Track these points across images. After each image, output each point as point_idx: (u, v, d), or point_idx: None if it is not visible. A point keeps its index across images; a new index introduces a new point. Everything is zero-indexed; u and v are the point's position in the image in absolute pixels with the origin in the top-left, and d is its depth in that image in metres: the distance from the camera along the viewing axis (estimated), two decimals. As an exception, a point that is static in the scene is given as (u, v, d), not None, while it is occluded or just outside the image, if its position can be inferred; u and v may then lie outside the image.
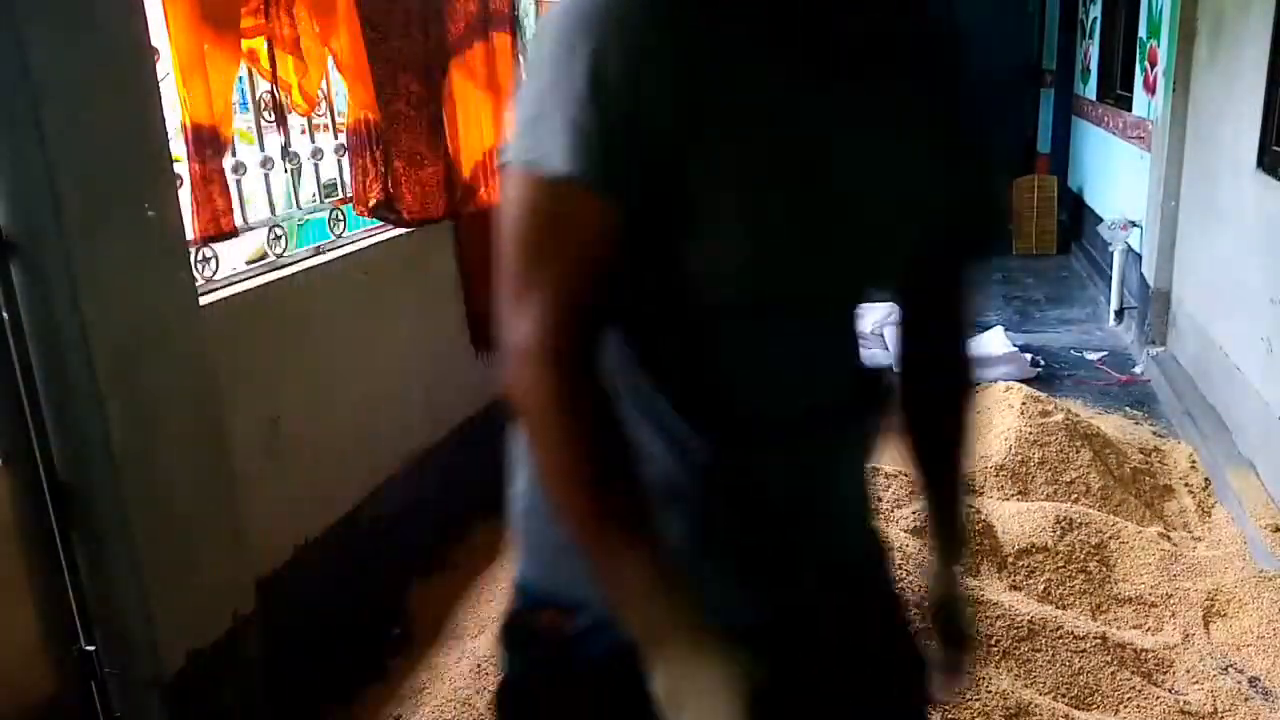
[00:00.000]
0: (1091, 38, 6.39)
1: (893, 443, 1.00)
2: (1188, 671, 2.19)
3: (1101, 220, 5.34)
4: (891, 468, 2.63)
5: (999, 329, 4.62)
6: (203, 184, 1.98)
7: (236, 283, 2.13)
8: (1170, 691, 2.14)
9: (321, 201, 2.58)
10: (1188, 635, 2.34)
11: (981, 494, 2.82)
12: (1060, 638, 2.16)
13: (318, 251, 2.46)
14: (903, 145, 0.82)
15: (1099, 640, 2.16)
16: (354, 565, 2.41)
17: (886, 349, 4.02)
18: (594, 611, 0.82)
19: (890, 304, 0.97)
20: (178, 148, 1.94)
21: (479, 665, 1.92)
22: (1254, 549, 2.69)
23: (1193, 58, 4.11)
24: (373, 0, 2.46)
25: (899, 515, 2.50)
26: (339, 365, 2.43)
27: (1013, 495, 2.85)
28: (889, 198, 0.81)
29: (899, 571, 2.13)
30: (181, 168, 1.93)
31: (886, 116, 0.81)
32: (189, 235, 1.92)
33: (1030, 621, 2.18)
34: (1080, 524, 2.56)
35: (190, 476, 1.81)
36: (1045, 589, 2.37)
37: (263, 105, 2.33)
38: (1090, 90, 6.42)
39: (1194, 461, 3.30)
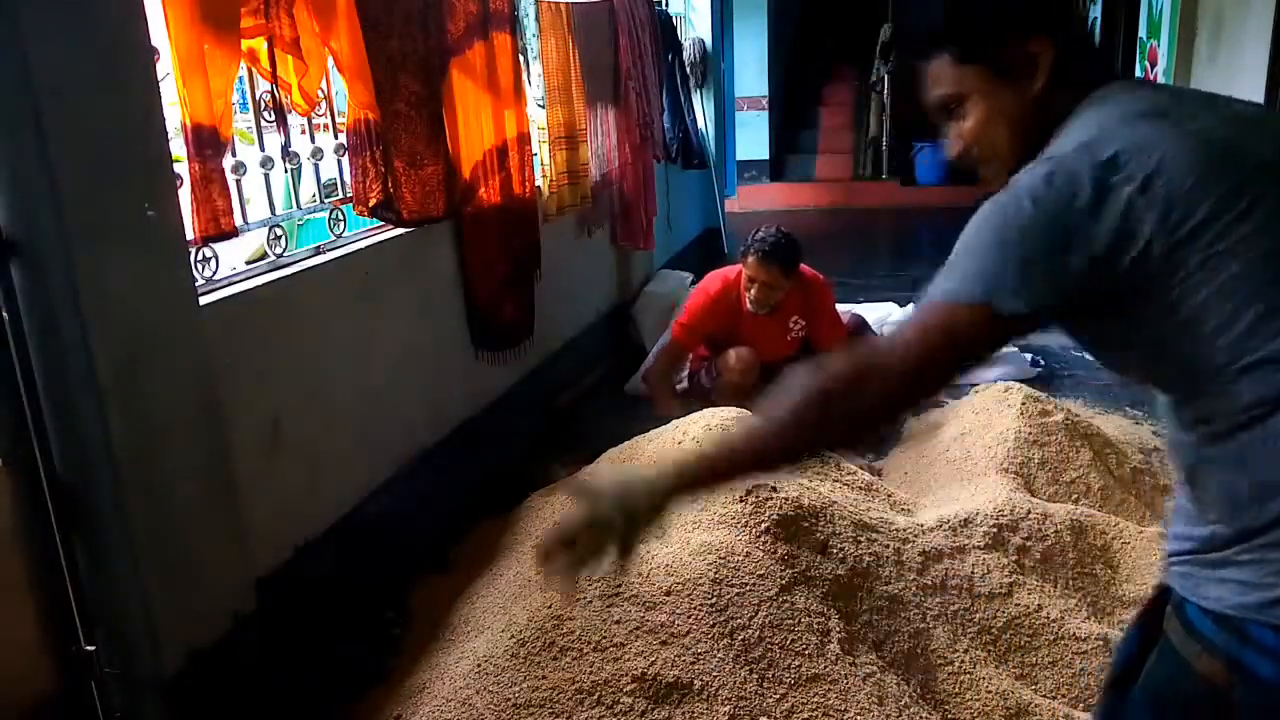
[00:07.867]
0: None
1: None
2: (1188, 672, 2.18)
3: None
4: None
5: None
6: (203, 184, 1.98)
7: (236, 283, 2.13)
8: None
9: (321, 201, 2.58)
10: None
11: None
12: (1061, 638, 2.15)
13: (318, 251, 2.47)
14: None
15: (1101, 641, 2.15)
16: (354, 565, 2.41)
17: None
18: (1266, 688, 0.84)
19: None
20: (178, 148, 1.94)
21: (479, 665, 1.91)
22: (1254, 549, 2.67)
23: (1193, 58, 4.12)
24: (372, 0, 2.46)
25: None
26: (339, 365, 2.43)
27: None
28: None
29: (898, 572, 2.12)
30: (181, 168, 1.93)
31: None
32: (189, 235, 1.92)
33: (1031, 622, 2.18)
34: (1081, 524, 2.55)
35: (190, 476, 1.81)
36: (1046, 589, 2.37)
37: (263, 105, 2.33)
38: (1090, 90, 6.42)
39: (1195, 461, 3.27)
